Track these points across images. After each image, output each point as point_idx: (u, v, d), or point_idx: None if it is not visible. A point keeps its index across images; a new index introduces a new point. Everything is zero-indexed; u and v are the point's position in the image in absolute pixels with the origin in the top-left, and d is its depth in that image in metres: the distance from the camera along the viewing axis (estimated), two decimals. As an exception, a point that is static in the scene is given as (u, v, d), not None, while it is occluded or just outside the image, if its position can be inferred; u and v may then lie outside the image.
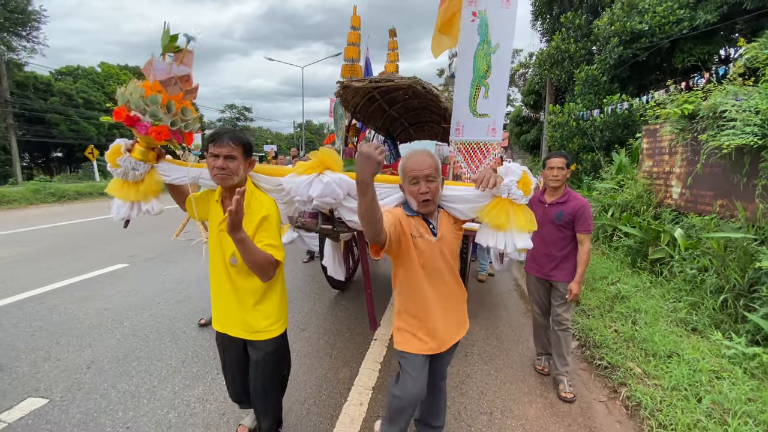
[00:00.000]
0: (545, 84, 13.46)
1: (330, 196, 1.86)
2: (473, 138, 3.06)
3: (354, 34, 4.09)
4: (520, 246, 1.66)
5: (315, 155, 1.91)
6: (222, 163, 1.58)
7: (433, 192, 1.57)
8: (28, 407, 2.32)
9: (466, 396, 2.54)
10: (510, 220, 1.66)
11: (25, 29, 20.78)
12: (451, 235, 1.70)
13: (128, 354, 2.97)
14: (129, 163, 1.84)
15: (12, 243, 6.63)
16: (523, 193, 1.64)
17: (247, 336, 1.76)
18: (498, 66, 2.85)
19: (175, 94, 1.80)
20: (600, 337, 3.21)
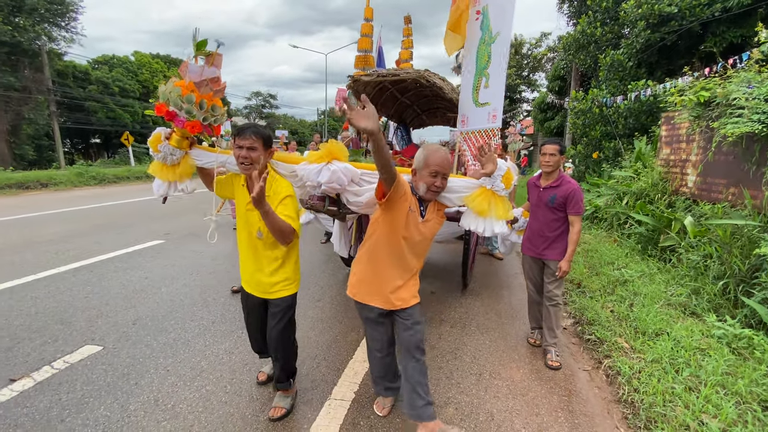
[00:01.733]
0: (571, 69, 13.14)
1: (336, 182, 2.15)
2: (476, 127, 3.27)
3: (367, 25, 4.28)
4: (497, 230, 2.00)
5: (324, 146, 2.19)
6: (245, 153, 1.89)
7: (443, 187, 1.89)
8: (86, 352, 2.78)
9: (459, 360, 2.82)
10: (491, 208, 1.98)
11: (64, 20, 21.81)
12: (435, 220, 1.99)
13: (166, 314, 3.41)
14: (167, 149, 2.18)
15: (62, 221, 7.34)
16: (504, 186, 1.96)
17: (266, 296, 2.11)
18: (497, 54, 3.02)
19: (206, 94, 2.11)
20: (593, 315, 3.40)
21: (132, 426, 2.08)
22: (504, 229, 2.02)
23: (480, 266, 5.16)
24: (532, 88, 24.44)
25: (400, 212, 1.86)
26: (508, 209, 2.03)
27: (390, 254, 1.95)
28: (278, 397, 2.20)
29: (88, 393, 2.34)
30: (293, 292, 2.13)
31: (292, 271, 2.12)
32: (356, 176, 2.19)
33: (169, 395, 2.33)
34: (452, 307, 3.77)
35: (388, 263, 1.96)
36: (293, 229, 1.93)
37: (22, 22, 19.52)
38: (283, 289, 2.09)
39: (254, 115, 48.37)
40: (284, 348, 2.15)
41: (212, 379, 2.50)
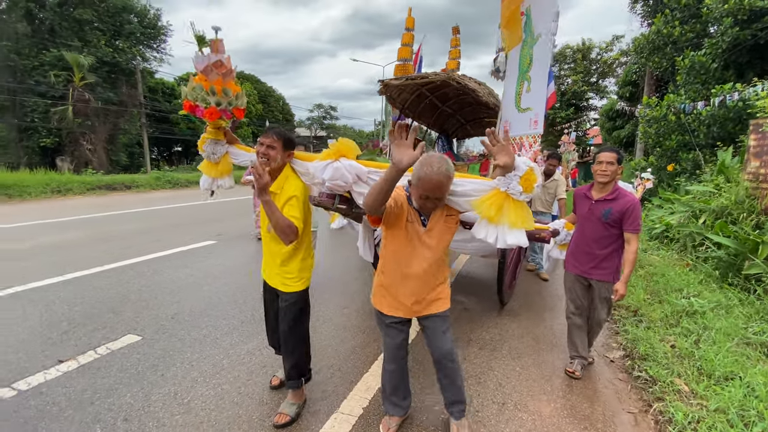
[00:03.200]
0: (644, 74, 12.00)
1: (340, 179, 2.11)
2: (518, 133, 3.08)
3: (408, 35, 4.24)
4: (510, 241, 1.72)
5: (334, 145, 2.18)
6: (264, 150, 2.01)
7: (437, 207, 1.76)
8: (127, 341, 3.00)
9: (483, 386, 2.60)
10: (503, 214, 1.73)
11: (156, 42, 24.67)
12: (441, 228, 1.84)
13: (202, 311, 3.59)
14: (209, 148, 2.43)
15: (135, 219, 8.18)
16: (523, 189, 1.69)
17: (276, 287, 2.18)
18: (539, 57, 2.82)
19: (215, 80, 2.24)
20: (648, 348, 2.97)
21: (149, 415, 2.18)
22: (522, 239, 1.73)
23: (524, 284, 4.80)
24: (600, 95, 22.69)
25: (399, 228, 1.82)
26: (524, 217, 1.75)
27: (401, 267, 1.90)
28: (285, 404, 2.19)
29: (119, 380, 2.50)
30: (299, 290, 2.14)
31: (297, 269, 2.14)
32: (363, 174, 2.13)
33: (187, 390, 2.42)
34: (485, 326, 3.52)
35: (402, 275, 1.89)
36: (296, 228, 1.95)
37: (121, 44, 22.39)
38: (288, 284, 2.13)
39: (316, 126, 50.69)
40: (293, 344, 2.16)
41: (230, 379, 2.56)
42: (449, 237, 1.90)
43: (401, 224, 1.80)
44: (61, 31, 20.72)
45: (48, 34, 20.50)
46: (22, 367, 2.59)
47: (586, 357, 2.80)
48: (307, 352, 2.27)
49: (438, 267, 1.91)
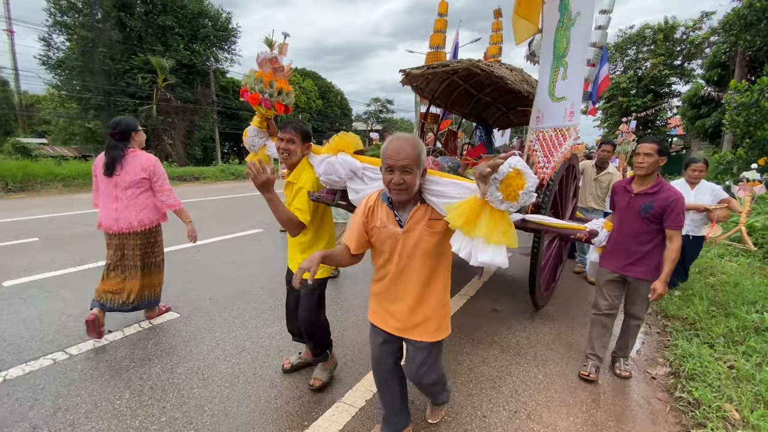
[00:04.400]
0: (734, 54, 10.40)
1: (334, 174, 2.08)
2: (551, 124, 2.86)
3: (441, 20, 4.06)
4: (482, 260, 1.42)
5: (333, 139, 2.17)
6: (285, 145, 2.12)
7: (408, 183, 1.46)
8: (167, 317, 3.29)
9: (497, 390, 2.46)
10: (477, 225, 1.44)
11: (227, 43, 26.49)
12: (422, 231, 1.58)
13: (236, 294, 3.82)
14: (251, 140, 2.66)
15: (198, 207, 8.93)
16: (504, 196, 1.38)
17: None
18: (576, 40, 2.57)
19: (267, 72, 2.47)
20: (698, 367, 2.60)
21: (172, 386, 2.38)
22: (494, 258, 1.42)
23: (567, 287, 4.46)
24: (686, 79, 20.05)
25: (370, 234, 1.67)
26: (504, 230, 1.43)
27: (385, 277, 1.70)
28: (317, 370, 2.40)
29: (153, 352, 2.76)
30: (318, 277, 2.21)
31: None
32: (357, 169, 2.06)
33: (209, 366, 2.60)
34: (512, 329, 3.33)
35: (388, 287, 1.70)
36: (298, 221, 2.03)
37: (197, 47, 24.38)
38: None
39: (372, 120, 51.29)
40: (313, 329, 2.29)
41: (248, 360, 2.70)
42: (437, 246, 1.60)
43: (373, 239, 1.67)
44: (147, 37, 23.13)
45: (136, 40, 22.98)
46: (78, 334, 2.96)
47: (602, 358, 2.68)
48: (326, 328, 2.40)
49: (427, 277, 1.64)
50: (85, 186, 11.79)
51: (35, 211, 8.02)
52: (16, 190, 10.50)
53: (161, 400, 2.25)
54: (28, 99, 32.88)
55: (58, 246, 5.34)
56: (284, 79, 2.55)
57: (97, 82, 22.13)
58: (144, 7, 23.24)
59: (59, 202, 9.51)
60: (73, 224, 6.80)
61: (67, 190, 11.36)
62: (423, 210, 1.60)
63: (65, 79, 23.47)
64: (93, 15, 22.10)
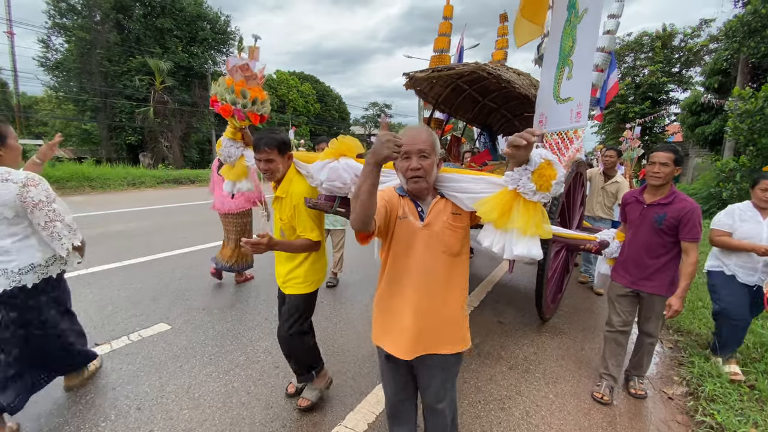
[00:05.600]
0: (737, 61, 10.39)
1: (338, 180, 1.95)
2: (556, 128, 2.74)
3: (445, 24, 3.95)
4: (518, 252, 1.40)
5: (333, 143, 2.03)
6: (264, 166, 2.00)
7: (426, 169, 1.41)
8: (158, 329, 3.13)
9: (506, 412, 2.32)
10: (511, 218, 1.42)
11: (225, 46, 26.42)
12: (444, 225, 1.48)
13: (231, 305, 3.67)
14: (226, 151, 2.42)
15: (190, 212, 8.77)
16: (537, 187, 1.37)
17: (282, 288, 2.17)
18: (584, 38, 2.45)
19: (238, 81, 2.26)
20: (718, 388, 2.47)
21: (160, 406, 2.22)
22: (535, 251, 1.41)
23: (573, 298, 4.33)
24: (684, 86, 20.08)
25: (393, 228, 1.50)
26: (538, 222, 1.42)
27: (395, 283, 1.54)
28: (307, 389, 2.23)
29: (142, 367, 2.60)
30: (305, 293, 2.10)
31: (305, 272, 2.10)
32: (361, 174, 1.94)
33: (200, 384, 2.44)
34: (519, 344, 3.19)
35: (402, 297, 1.52)
36: (312, 242, 2.02)
37: (195, 50, 24.29)
38: (294, 286, 2.10)
39: (370, 125, 51.32)
40: (293, 349, 2.14)
41: (242, 376, 2.54)
42: (456, 237, 1.50)
43: (391, 226, 1.50)
44: (145, 39, 23.01)
45: (134, 42, 22.85)
46: (63, 347, 2.79)
47: (616, 378, 2.54)
48: (310, 350, 2.23)
49: (446, 280, 1.51)
50: (79, 188, 11.61)
51: (26, 215, 7.83)
52: (8, 193, 10.29)
53: (149, 423, 2.10)
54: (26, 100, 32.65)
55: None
56: (258, 86, 2.37)
57: (95, 84, 21.97)
58: (142, 10, 23.15)
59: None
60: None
61: (60, 193, 11.13)
62: (443, 203, 1.53)
63: (63, 80, 23.31)
64: (92, 17, 21.99)
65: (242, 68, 2.22)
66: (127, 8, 22.41)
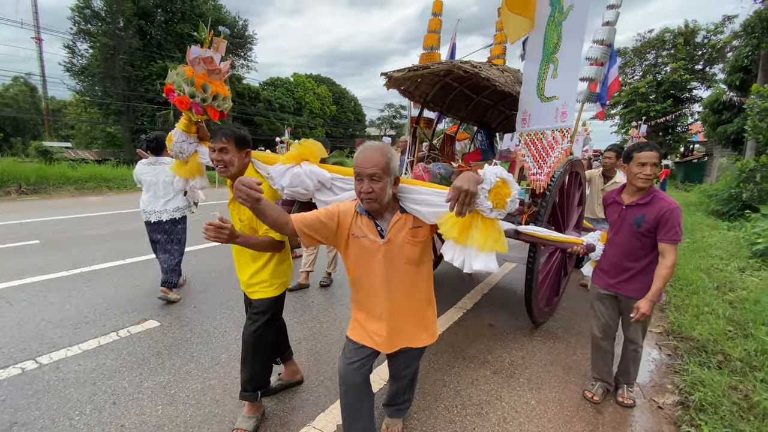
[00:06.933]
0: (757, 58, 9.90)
1: (301, 186, 1.90)
2: (540, 127, 2.65)
3: (435, 20, 3.86)
4: (476, 267, 1.46)
5: (295, 147, 1.99)
6: (217, 155, 1.87)
7: (377, 192, 1.47)
8: (147, 326, 3.19)
9: (483, 417, 2.25)
10: (470, 234, 1.48)
11: (243, 50, 26.96)
12: (404, 240, 1.58)
13: (222, 303, 3.71)
14: (177, 146, 2.34)
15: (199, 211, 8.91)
16: (494, 205, 1.41)
17: (248, 293, 2.09)
18: (570, 35, 2.37)
19: (199, 73, 2.17)
20: (709, 397, 2.34)
21: (136, 403, 2.26)
22: (488, 265, 1.46)
23: (572, 302, 4.19)
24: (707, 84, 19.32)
25: (342, 245, 1.63)
26: (496, 237, 1.48)
27: (363, 291, 1.69)
28: (241, 418, 2.05)
29: (125, 363, 2.65)
30: (271, 296, 2.03)
31: (270, 274, 2.03)
32: (326, 180, 1.89)
33: (178, 381, 2.47)
34: (508, 348, 3.11)
35: (372, 301, 1.67)
36: (276, 241, 1.91)
37: (213, 54, 24.86)
38: (260, 290, 2.03)
39: (386, 126, 51.39)
40: (254, 354, 2.04)
41: (221, 375, 2.56)
42: (419, 253, 1.62)
43: (346, 247, 1.63)
44: (165, 44, 23.70)
45: (156, 47, 23.57)
46: (53, 342, 2.88)
47: (610, 382, 2.47)
48: (268, 364, 2.16)
49: (409, 289, 1.67)
50: (97, 188, 12.02)
51: (42, 214, 8.14)
52: (29, 192, 10.75)
53: (121, 418, 2.13)
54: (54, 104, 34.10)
55: (56, 249, 5.35)
56: (220, 81, 2.26)
57: (117, 88, 22.74)
58: (164, 16, 23.86)
59: (68, 204, 9.67)
60: (77, 227, 6.86)
61: (79, 193, 11.58)
62: (404, 219, 1.60)
63: (88, 85, 24.21)
64: (115, 23, 22.78)
65: (206, 61, 2.15)
66: (149, 14, 23.13)
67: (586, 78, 3.10)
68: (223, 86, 2.26)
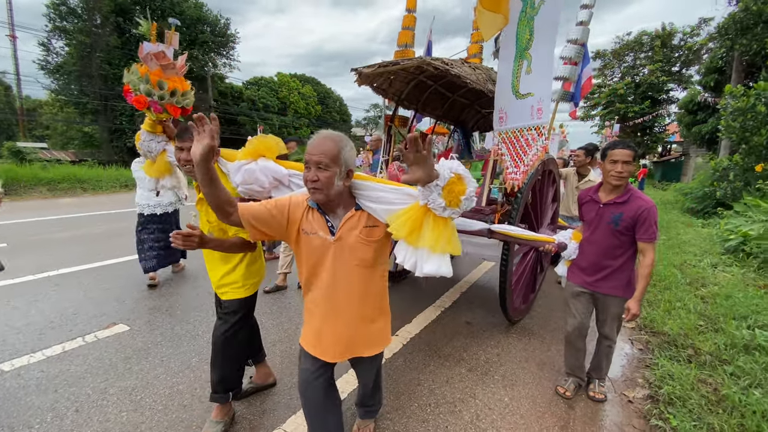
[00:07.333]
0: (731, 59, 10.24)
1: (255, 183, 1.82)
2: (517, 125, 2.65)
3: (409, 17, 3.82)
4: (427, 271, 1.38)
5: (251, 142, 1.90)
6: (185, 156, 1.82)
7: (322, 181, 1.35)
8: (116, 330, 3.09)
9: (456, 416, 2.25)
10: (421, 234, 1.39)
11: (225, 49, 26.56)
12: (356, 239, 1.46)
13: (197, 306, 3.62)
14: (145, 146, 2.27)
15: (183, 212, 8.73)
16: (447, 203, 1.33)
17: (218, 293, 2.03)
18: (542, 30, 2.38)
19: (153, 70, 2.07)
20: (679, 391, 2.38)
21: (99, 409, 2.18)
22: (440, 268, 1.39)
23: (549, 299, 4.23)
24: (684, 85, 19.90)
25: (293, 240, 1.52)
26: (449, 238, 1.40)
27: (316, 291, 1.55)
28: (209, 423, 1.99)
29: (90, 369, 2.56)
30: (241, 297, 1.98)
31: (242, 275, 1.98)
32: (283, 177, 1.83)
33: (146, 386, 2.39)
34: (484, 345, 3.11)
35: (322, 302, 1.54)
36: (247, 241, 1.83)
37: (195, 53, 24.42)
38: (231, 291, 1.98)
39: (372, 126, 51.31)
40: (225, 355, 1.99)
41: (190, 379, 2.49)
42: (372, 255, 1.49)
43: (296, 243, 1.52)
44: (145, 43, 23.19)
45: (134, 45, 23.00)
46: (16, 348, 2.77)
47: (582, 377, 2.50)
48: (240, 365, 2.11)
49: (363, 293, 1.53)
50: (71, 190, 11.64)
51: (12, 216, 7.84)
52: None
53: (83, 426, 2.05)
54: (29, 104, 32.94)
55: (24, 252, 5.14)
56: (177, 76, 2.18)
57: (94, 87, 22.13)
58: (142, 13, 23.32)
59: (40, 206, 9.32)
60: (47, 230, 6.62)
61: (52, 195, 11.17)
62: (357, 217, 1.48)
63: (63, 83, 23.49)
64: (92, 20, 22.16)
65: (157, 56, 2.04)
66: (126, 11, 22.57)
67: (561, 77, 3.14)
68: (181, 81, 2.19)
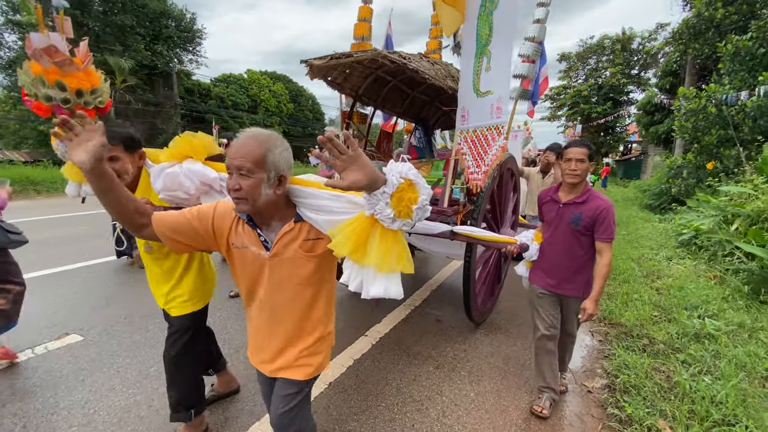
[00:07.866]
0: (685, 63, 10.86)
1: (179, 190, 1.63)
2: (478, 123, 2.68)
3: (365, 8, 3.65)
4: (374, 293, 1.17)
5: (174, 141, 1.72)
6: (119, 166, 1.62)
7: (245, 191, 1.14)
8: (68, 341, 2.93)
9: (423, 413, 2.26)
10: (367, 251, 1.17)
11: (191, 45, 25.69)
12: (295, 255, 1.27)
13: (157, 311, 3.42)
14: (62, 147, 2.01)
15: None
16: (396, 213, 1.12)
17: (166, 309, 1.89)
18: (500, 26, 2.39)
19: (48, 68, 1.67)
20: (634, 379, 2.50)
21: (48, 425, 2.06)
22: (388, 290, 1.18)
23: (515, 297, 4.29)
24: (642, 87, 20.98)
25: (223, 252, 1.34)
26: (399, 254, 1.18)
27: (252, 306, 1.40)
28: None
29: (40, 383, 2.41)
30: (190, 311, 1.86)
31: (189, 289, 1.86)
32: (213, 181, 1.66)
33: (99, 399, 2.28)
34: (452, 342, 3.16)
35: (257, 317, 1.39)
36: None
37: (159, 48, 23.49)
38: (177, 306, 1.85)
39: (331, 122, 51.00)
40: (181, 374, 1.90)
41: (148, 389, 2.39)
42: (315, 272, 1.31)
43: (222, 249, 1.34)
44: (104, 37, 22.02)
45: (93, 39, 21.85)
46: (-46, 364, 2.56)
47: (556, 390, 2.37)
48: (199, 379, 2.01)
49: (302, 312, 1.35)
50: (23, 192, 10.91)
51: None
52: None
53: (28, 444, 1.92)
54: (-24, 101, 30.70)
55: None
56: (79, 72, 1.75)
57: (49, 83, 20.87)
58: (102, 6, 22.20)
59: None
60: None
61: (3, 198, 10.45)
62: (297, 229, 1.27)
63: (17, 79, 22.00)
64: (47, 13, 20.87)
65: (47, 51, 1.62)
66: (84, 4, 21.41)
67: (519, 75, 3.18)
68: (87, 76, 1.77)
